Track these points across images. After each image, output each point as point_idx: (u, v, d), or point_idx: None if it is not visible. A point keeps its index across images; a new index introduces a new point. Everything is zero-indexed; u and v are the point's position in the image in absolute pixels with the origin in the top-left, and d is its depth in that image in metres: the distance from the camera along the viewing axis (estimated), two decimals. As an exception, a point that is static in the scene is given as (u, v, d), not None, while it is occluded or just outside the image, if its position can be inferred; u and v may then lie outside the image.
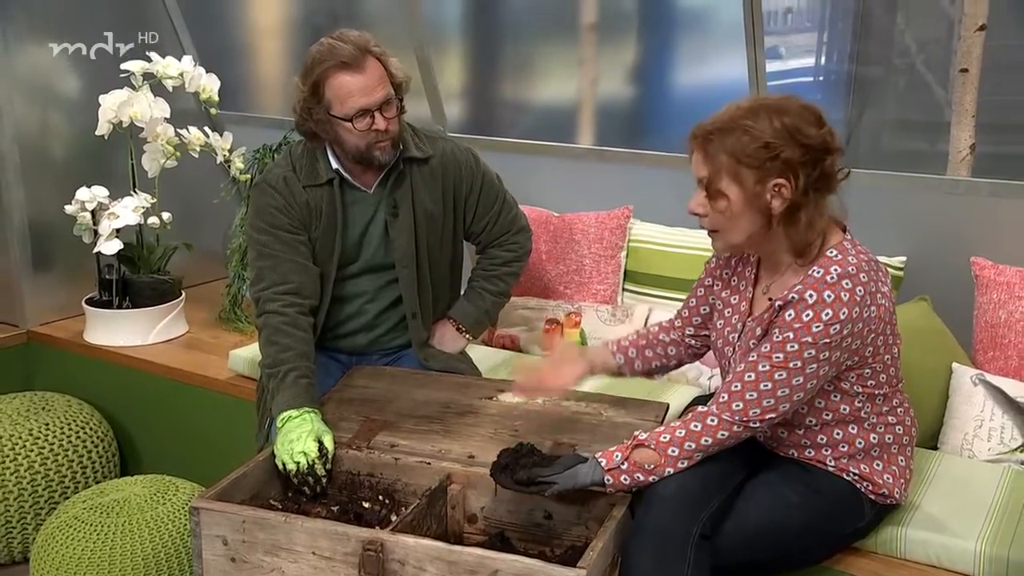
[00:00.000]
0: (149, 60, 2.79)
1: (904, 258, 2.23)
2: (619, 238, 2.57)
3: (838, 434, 1.62)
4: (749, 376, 1.53)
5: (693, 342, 1.85)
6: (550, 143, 2.87)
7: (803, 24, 4.49)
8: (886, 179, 2.32)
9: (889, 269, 2.20)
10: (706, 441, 1.54)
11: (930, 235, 2.26)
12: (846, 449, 1.62)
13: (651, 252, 2.54)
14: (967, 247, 2.15)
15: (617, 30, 3.01)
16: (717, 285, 1.74)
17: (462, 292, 2.28)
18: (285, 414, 1.83)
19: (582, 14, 2.99)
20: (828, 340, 1.48)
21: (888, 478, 1.64)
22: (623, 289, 2.58)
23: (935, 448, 2.01)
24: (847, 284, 1.49)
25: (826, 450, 1.63)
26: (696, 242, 2.45)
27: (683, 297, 2.41)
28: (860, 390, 1.59)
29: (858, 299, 1.49)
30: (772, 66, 3.97)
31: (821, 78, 4.50)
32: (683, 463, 1.55)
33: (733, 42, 2.49)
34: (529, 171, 2.86)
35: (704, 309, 1.80)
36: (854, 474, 1.62)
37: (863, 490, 1.63)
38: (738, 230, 1.55)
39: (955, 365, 2.05)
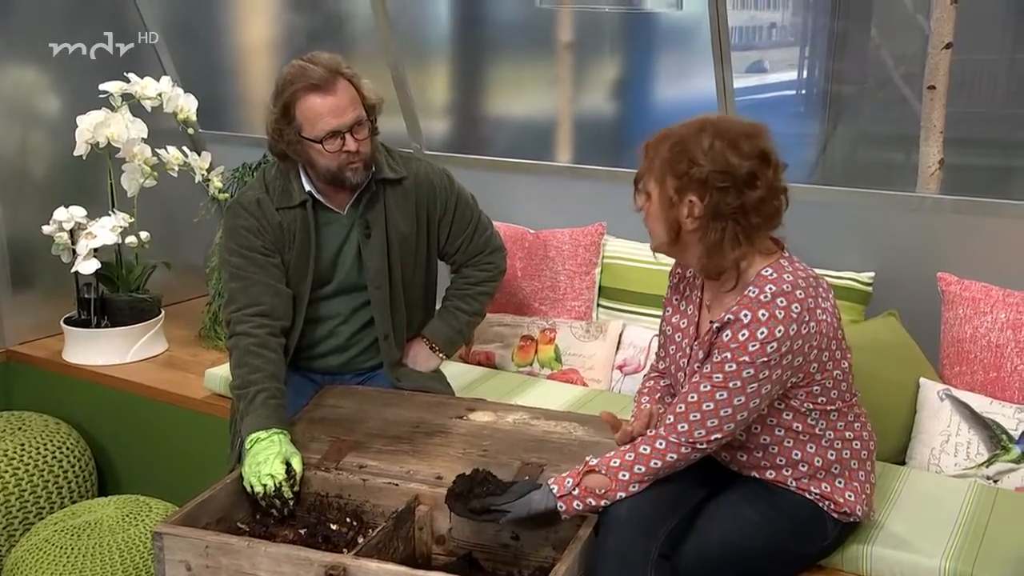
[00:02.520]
0: (127, 81, 2.81)
1: (872, 273, 2.25)
2: (593, 255, 2.58)
3: (796, 454, 1.62)
4: (692, 397, 1.55)
5: None
6: (526, 160, 2.89)
7: (787, 38, 4.52)
8: (854, 195, 2.34)
9: (858, 284, 2.24)
10: (655, 464, 1.56)
11: (898, 250, 2.28)
12: (806, 469, 1.63)
13: (625, 268, 2.55)
14: (934, 262, 2.17)
15: (593, 48, 3.03)
16: (668, 311, 1.76)
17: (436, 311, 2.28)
18: (254, 436, 1.83)
19: (558, 33, 3.01)
20: (765, 359, 1.50)
21: (850, 495, 1.64)
22: (597, 305, 2.59)
23: (903, 463, 2.02)
24: (782, 302, 1.51)
25: (786, 470, 1.63)
26: (670, 259, 2.46)
27: (657, 313, 2.46)
28: (811, 407, 1.60)
29: (794, 316, 1.50)
30: (755, 80, 3.99)
31: (803, 91, 4.53)
32: (634, 487, 1.56)
33: (708, 60, 2.51)
34: (505, 188, 2.87)
35: None
36: (816, 493, 1.63)
37: (826, 509, 1.63)
38: (655, 232, 1.61)
39: (922, 380, 2.06)
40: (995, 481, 1.91)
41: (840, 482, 1.64)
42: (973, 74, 3.19)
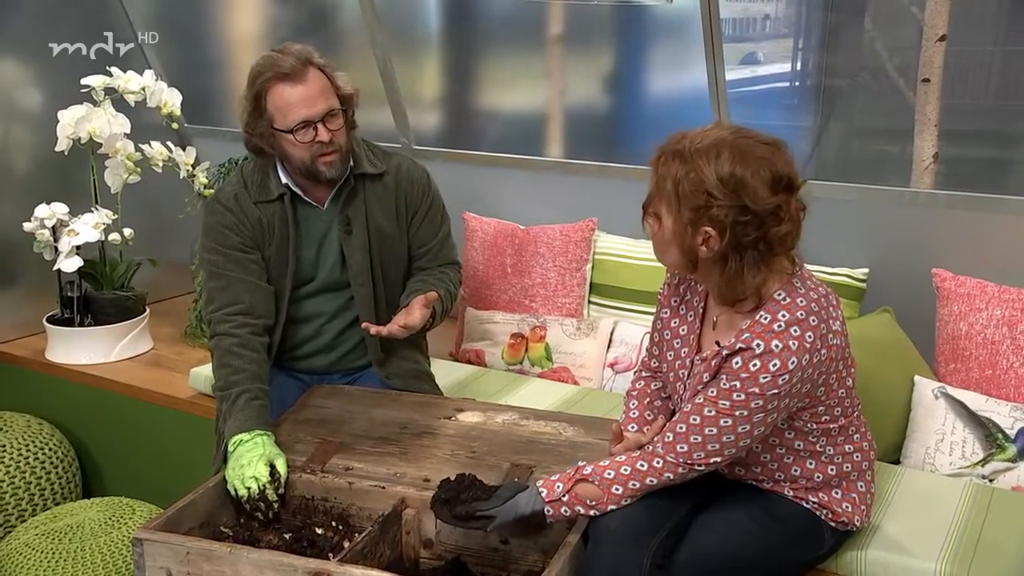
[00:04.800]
0: (110, 75, 2.76)
1: (867, 269, 2.22)
2: (584, 251, 2.55)
3: (796, 470, 1.58)
4: (694, 419, 1.48)
5: None
6: (516, 155, 2.85)
7: (780, 30, 4.49)
8: (849, 191, 2.31)
9: (852, 280, 2.21)
10: (651, 481, 1.52)
11: (892, 246, 2.26)
12: (805, 483, 1.59)
13: (617, 265, 2.52)
14: (928, 258, 2.14)
15: (583, 42, 2.99)
16: (666, 313, 1.69)
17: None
18: (236, 438, 1.80)
19: (548, 25, 2.97)
20: (776, 391, 1.44)
21: (847, 506, 1.61)
22: (589, 302, 2.56)
23: (897, 462, 1.99)
24: (795, 331, 1.43)
25: (784, 483, 1.60)
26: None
27: (648, 310, 2.43)
28: (815, 426, 1.55)
29: (807, 346, 1.43)
30: (748, 72, 3.95)
31: (796, 83, 4.50)
32: (626, 501, 1.52)
33: (700, 52, 2.47)
34: (495, 184, 2.84)
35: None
36: (813, 502, 1.60)
37: (823, 518, 1.60)
38: (666, 256, 1.52)
39: (917, 378, 2.04)
40: (990, 480, 1.88)
41: (838, 493, 1.61)
42: (966, 66, 3.16)
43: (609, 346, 2.43)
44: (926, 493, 1.83)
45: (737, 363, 1.45)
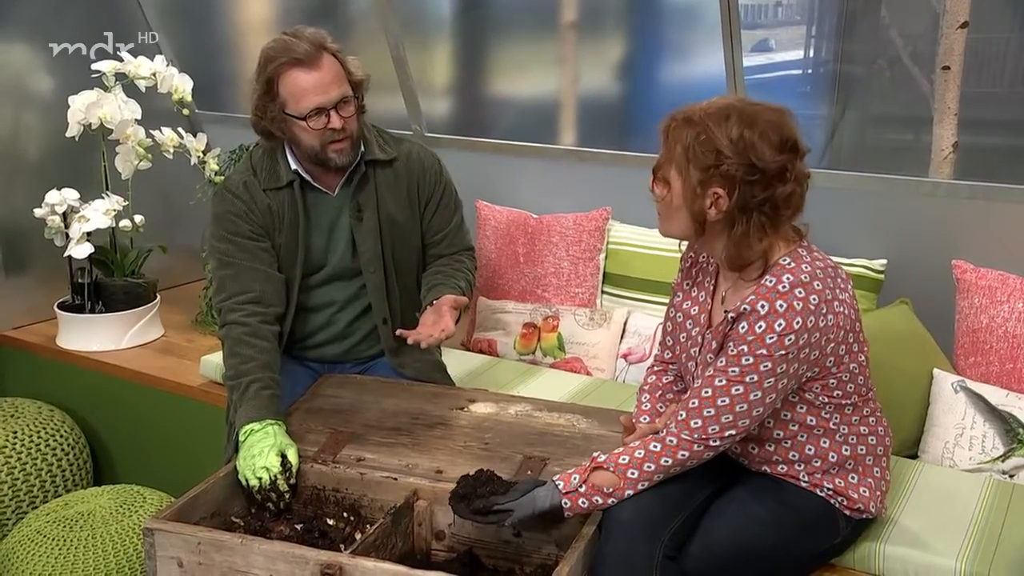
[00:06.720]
0: (120, 60, 2.74)
1: (885, 261, 2.19)
2: (597, 240, 2.52)
3: (810, 449, 1.57)
4: (706, 392, 1.49)
5: None
6: (529, 143, 2.82)
7: (793, 17, 4.44)
8: (866, 181, 2.27)
9: (870, 272, 2.18)
10: (666, 462, 1.50)
11: (911, 237, 2.22)
12: (819, 464, 1.57)
13: (630, 254, 2.49)
14: (949, 250, 2.11)
15: (597, 28, 2.95)
16: (678, 297, 1.70)
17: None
18: (247, 427, 1.78)
19: (562, 11, 2.93)
20: (783, 352, 1.45)
21: (864, 491, 1.59)
22: (602, 292, 2.53)
23: (915, 457, 1.97)
24: (800, 292, 1.45)
25: (799, 466, 1.58)
26: (676, 244, 2.40)
27: (662, 300, 2.40)
28: (826, 400, 1.55)
29: (812, 307, 1.45)
30: (762, 59, 3.91)
31: (810, 71, 4.44)
32: (643, 484, 1.51)
33: (715, 39, 2.44)
34: (508, 172, 2.81)
35: None
36: (828, 489, 1.58)
37: (838, 506, 1.58)
38: (673, 222, 1.54)
39: (936, 371, 2.01)
40: (1011, 476, 1.85)
41: (854, 477, 1.59)
42: (984, 53, 3.11)
43: (622, 336, 2.41)
44: (945, 488, 1.81)
45: (743, 327, 1.47)
